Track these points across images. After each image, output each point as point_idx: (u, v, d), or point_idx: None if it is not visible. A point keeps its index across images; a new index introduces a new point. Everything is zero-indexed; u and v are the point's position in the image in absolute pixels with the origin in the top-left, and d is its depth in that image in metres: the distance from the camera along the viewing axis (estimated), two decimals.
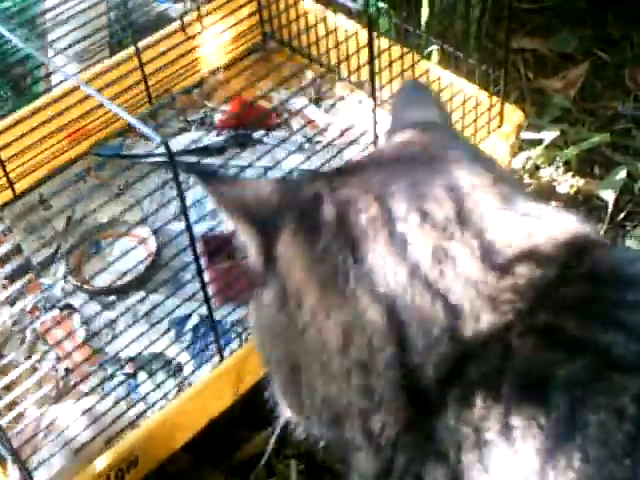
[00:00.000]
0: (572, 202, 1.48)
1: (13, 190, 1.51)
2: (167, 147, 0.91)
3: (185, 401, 1.13)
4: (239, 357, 1.16)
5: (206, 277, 1.25)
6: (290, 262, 0.63)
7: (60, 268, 1.41)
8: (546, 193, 1.47)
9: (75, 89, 1.39)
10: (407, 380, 0.57)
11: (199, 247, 1.30)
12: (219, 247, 1.28)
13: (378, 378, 0.59)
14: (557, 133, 1.48)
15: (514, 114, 1.41)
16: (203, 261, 1.26)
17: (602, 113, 1.60)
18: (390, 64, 1.34)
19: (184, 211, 0.97)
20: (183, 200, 0.96)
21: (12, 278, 1.41)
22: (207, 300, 1.10)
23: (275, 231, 0.64)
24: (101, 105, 1.43)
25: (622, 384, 0.51)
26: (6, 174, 1.47)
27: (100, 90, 1.15)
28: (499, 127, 1.41)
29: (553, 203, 1.46)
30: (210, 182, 0.68)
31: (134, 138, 1.58)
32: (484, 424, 0.53)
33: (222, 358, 1.18)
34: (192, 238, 1.02)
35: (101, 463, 1.06)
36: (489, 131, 1.41)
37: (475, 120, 1.40)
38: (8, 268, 1.41)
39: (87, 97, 1.38)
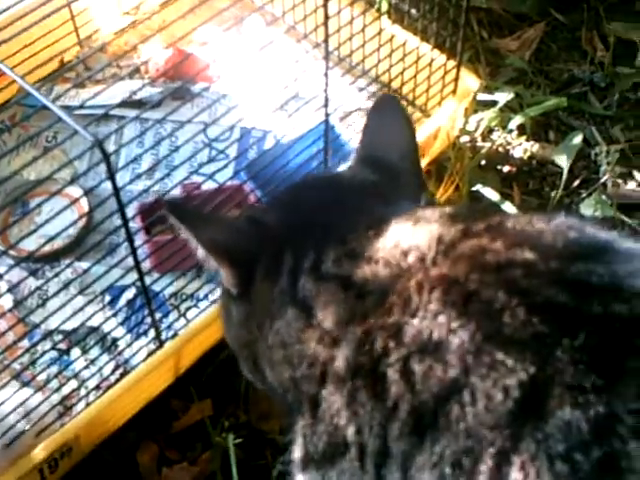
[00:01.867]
0: (526, 167, 1.43)
1: None
2: (102, 148, 0.83)
3: (122, 390, 1.06)
4: (180, 341, 1.10)
5: (145, 249, 1.18)
6: (257, 295, 0.79)
7: None
8: (499, 157, 1.42)
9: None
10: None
11: (137, 220, 1.22)
12: (157, 216, 1.20)
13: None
14: (512, 95, 1.42)
15: (470, 79, 1.35)
16: (141, 234, 1.18)
17: (557, 76, 1.54)
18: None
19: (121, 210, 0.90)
20: (120, 200, 0.89)
21: None
22: (141, 275, 1.02)
23: (250, 271, 0.78)
24: (30, 44, 1.33)
25: None
26: None
27: (25, 30, 1.04)
28: (453, 93, 1.34)
29: (506, 168, 1.41)
30: (187, 221, 0.78)
31: (64, 85, 1.47)
32: None
33: (159, 338, 1.10)
34: (125, 218, 0.94)
35: (34, 456, 1.00)
36: (442, 97, 1.35)
37: (428, 85, 1.34)
38: None
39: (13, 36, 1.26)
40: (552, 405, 0.55)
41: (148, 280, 1.12)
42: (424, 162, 1.36)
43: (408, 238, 0.70)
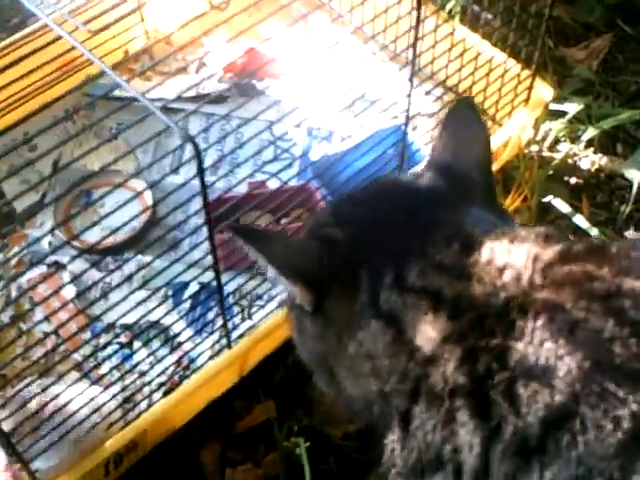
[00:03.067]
0: (594, 180, 1.41)
1: None
2: (194, 144, 0.82)
3: (190, 388, 1.05)
4: (248, 342, 1.09)
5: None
6: (335, 309, 0.77)
7: (47, 219, 1.31)
8: (567, 169, 1.40)
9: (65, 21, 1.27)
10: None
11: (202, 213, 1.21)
12: (223, 212, 1.19)
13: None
14: (581, 106, 1.40)
15: (543, 89, 1.33)
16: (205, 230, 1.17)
17: (625, 88, 1.52)
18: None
19: (205, 207, 0.88)
20: (205, 197, 0.87)
21: None
22: (217, 275, 1.01)
23: (326, 289, 0.77)
24: (94, 35, 1.31)
25: None
26: None
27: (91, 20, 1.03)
28: (525, 102, 1.33)
29: (574, 180, 1.39)
30: (256, 242, 0.76)
31: (130, 75, 1.46)
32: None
33: (228, 338, 1.09)
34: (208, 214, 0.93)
35: (101, 450, 0.99)
36: (513, 106, 1.33)
37: (500, 94, 1.32)
38: None
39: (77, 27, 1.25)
40: None
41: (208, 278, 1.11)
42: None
43: (502, 255, 0.69)
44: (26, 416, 0.92)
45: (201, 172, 0.87)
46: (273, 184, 1.26)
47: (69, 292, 1.21)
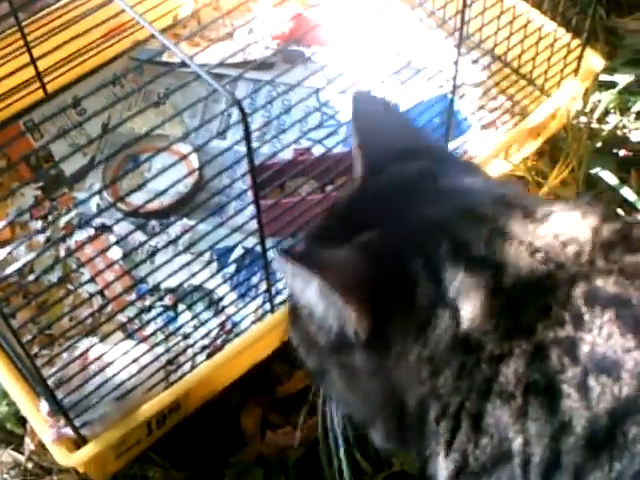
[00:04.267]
0: None
1: (44, 89, 1.40)
2: (241, 108, 0.83)
3: (233, 352, 1.06)
4: None
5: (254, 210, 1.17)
6: (396, 326, 0.68)
7: (95, 182, 1.32)
8: (617, 141, 1.38)
9: None
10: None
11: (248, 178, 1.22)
12: (267, 178, 1.19)
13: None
14: (631, 77, 1.38)
15: (593, 59, 1.31)
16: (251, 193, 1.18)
17: None
18: None
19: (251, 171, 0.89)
20: (252, 162, 0.88)
21: (44, 189, 1.32)
22: (262, 239, 1.01)
23: (379, 306, 0.68)
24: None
25: None
26: (37, 72, 1.36)
27: None
28: (575, 72, 1.31)
29: (623, 152, 1.38)
30: (318, 269, 0.68)
31: (177, 40, 1.46)
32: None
33: (272, 303, 1.10)
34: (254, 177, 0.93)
35: (145, 410, 1.01)
36: (562, 76, 1.31)
37: (549, 64, 1.30)
38: (40, 177, 1.33)
39: None
40: None
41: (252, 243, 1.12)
42: (539, 141, 1.34)
43: (566, 226, 0.67)
44: (72, 374, 0.93)
45: (247, 136, 0.87)
46: (318, 151, 1.26)
47: (115, 254, 1.23)
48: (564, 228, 0.67)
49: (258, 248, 1.14)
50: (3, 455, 1.14)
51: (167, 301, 1.19)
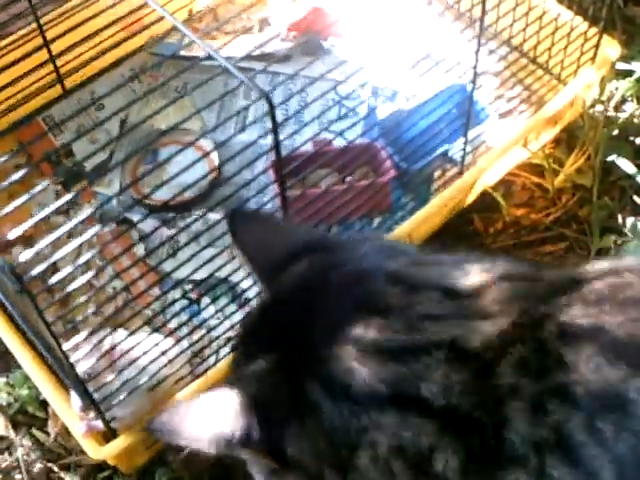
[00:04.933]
0: None
1: (63, 86, 1.41)
2: (269, 101, 0.83)
3: None
4: None
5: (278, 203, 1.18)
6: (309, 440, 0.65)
7: (116, 177, 1.33)
8: (633, 129, 1.38)
9: None
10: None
11: (271, 172, 1.23)
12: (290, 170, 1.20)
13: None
14: None
15: (610, 47, 1.31)
16: (275, 186, 1.19)
17: None
18: None
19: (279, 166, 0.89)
20: (279, 153, 0.88)
21: (64, 184, 1.33)
22: None
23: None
24: None
25: None
26: (56, 69, 1.37)
27: None
28: (592, 60, 1.31)
29: (639, 140, 1.38)
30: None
31: (195, 34, 1.47)
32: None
33: None
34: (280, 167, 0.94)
35: (172, 402, 1.02)
36: (579, 65, 1.32)
37: (565, 52, 1.31)
38: (60, 173, 1.33)
39: None
40: None
41: None
42: (556, 130, 1.34)
43: (492, 285, 0.64)
44: (102, 368, 0.94)
45: (275, 129, 0.88)
46: (338, 144, 1.27)
47: (139, 249, 1.24)
48: (490, 286, 0.64)
49: None
50: (25, 437, 1.16)
51: (192, 295, 1.20)
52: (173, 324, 1.14)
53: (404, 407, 0.61)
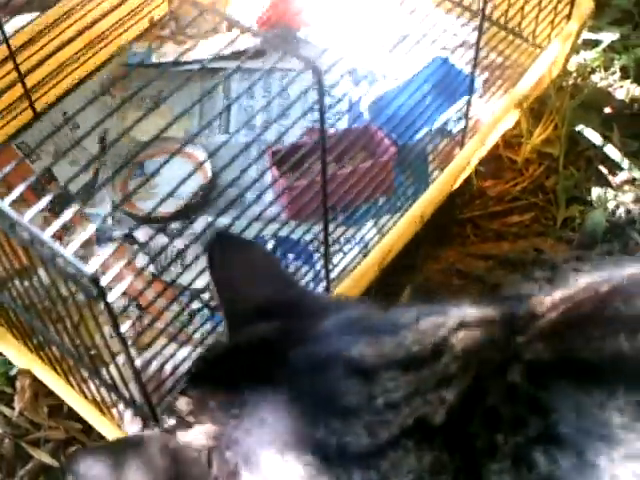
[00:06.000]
0: (627, 110, 1.39)
1: (33, 108, 1.35)
2: (317, 70, 0.80)
3: None
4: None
5: (275, 191, 1.16)
6: None
7: (105, 196, 1.29)
8: (601, 99, 1.39)
9: None
10: None
11: (266, 159, 1.21)
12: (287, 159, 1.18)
13: None
14: (616, 36, 1.39)
15: (583, 4, 1.32)
16: (272, 174, 1.17)
17: None
18: None
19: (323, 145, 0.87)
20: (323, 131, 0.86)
21: (53, 210, 1.28)
22: (326, 225, 0.99)
23: None
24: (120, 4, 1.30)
25: None
26: (26, 91, 1.32)
27: None
28: (567, 18, 1.32)
29: (607, 110, 1.39)
30: None
31: (162, 41, 1.43)
32: None
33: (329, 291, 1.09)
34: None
35: None
36: (552, 27, 1.32)
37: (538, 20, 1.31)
38: (45, 199, 1.28)
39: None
40: None
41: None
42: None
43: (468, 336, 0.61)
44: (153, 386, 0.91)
45: (321, 106, 0.85)
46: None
47: (141, 262, 1.20)
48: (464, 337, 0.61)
49: (293, 236, 1.14)
50: None
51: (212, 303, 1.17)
52: (198, 335, 1.11)
53: None
